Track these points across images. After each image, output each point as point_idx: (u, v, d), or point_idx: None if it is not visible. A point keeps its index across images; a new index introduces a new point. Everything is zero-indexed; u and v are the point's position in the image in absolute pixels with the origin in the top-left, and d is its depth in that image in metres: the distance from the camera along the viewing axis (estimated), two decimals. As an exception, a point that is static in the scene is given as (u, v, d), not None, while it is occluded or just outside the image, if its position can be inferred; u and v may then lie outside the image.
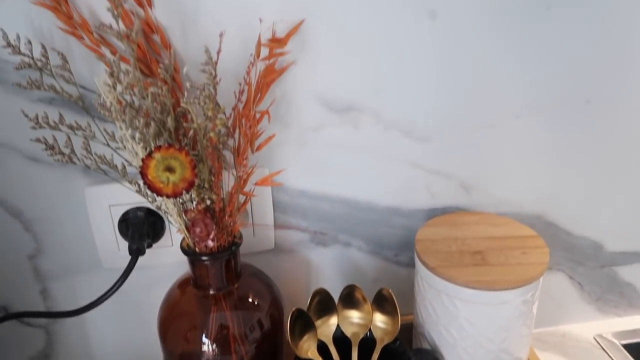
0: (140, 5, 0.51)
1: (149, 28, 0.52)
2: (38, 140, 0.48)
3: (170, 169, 0.44)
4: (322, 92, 0.59)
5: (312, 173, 0.63)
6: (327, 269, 0.69)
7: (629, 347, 0.76)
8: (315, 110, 0.60)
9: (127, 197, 0.56)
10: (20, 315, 0.58)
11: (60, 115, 0.49)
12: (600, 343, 0.77)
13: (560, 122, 0.66)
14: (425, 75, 0.60)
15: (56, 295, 0.63)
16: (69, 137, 0.49)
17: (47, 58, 0.48)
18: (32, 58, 0.48)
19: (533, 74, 0.63)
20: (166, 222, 0.61)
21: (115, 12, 0.45)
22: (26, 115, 0.48)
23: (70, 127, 0.49)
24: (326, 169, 0.63)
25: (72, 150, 0.49)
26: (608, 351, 0.76)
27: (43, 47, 0.48)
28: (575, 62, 0.63)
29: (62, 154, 0.49)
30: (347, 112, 0.60)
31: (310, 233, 0.66)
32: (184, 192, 0.45)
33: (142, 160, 0.43)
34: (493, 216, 0.67)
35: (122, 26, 0.48)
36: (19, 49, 0.47)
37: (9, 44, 0.47)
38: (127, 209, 0.59)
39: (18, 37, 0.47)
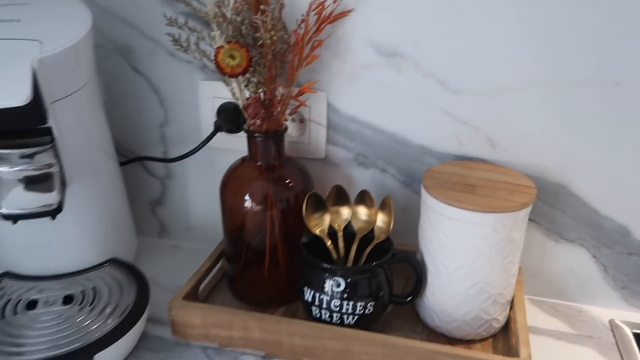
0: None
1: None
2: (168, 34, 0.73)
3: (232, 57, 0.65)
4: (374, 38, 0.76)
5: (360, 103, 0.80)
6: (364, 187, 0.84)
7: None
8: (367, 52, 0.77)
9: (226, 93, 0.79)
10: (142, 159, 0.86)
11: (186, 20, 0.74)
12: (612, 326, 0.80)
13: (589, 99, 0.73)
14: (462, 36, 0.73)
15: (171, 156, 0.90)
16: (188, 37, 0.74)
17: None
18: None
19: (563, 50, 0.71)
20: (248, 119, 0.83)
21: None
22: (165, 16, 0.73)
23: (190, 29, 0.73)
24: (372, 102, 0.79)
25: (189, 45, 0.74)
26: (615, 333, 0.79)
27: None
28: (604, 43, 0.70)
29: (181, 45, 0.73)
30: (393, 57, 0.76)
31: (354, 153, 0.83)
32: (239, 74, 0.66)
33: (216, 48, 0.66)
34: (508, 169, 0.75)
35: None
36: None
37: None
38: (224, 102, 0.82)
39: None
